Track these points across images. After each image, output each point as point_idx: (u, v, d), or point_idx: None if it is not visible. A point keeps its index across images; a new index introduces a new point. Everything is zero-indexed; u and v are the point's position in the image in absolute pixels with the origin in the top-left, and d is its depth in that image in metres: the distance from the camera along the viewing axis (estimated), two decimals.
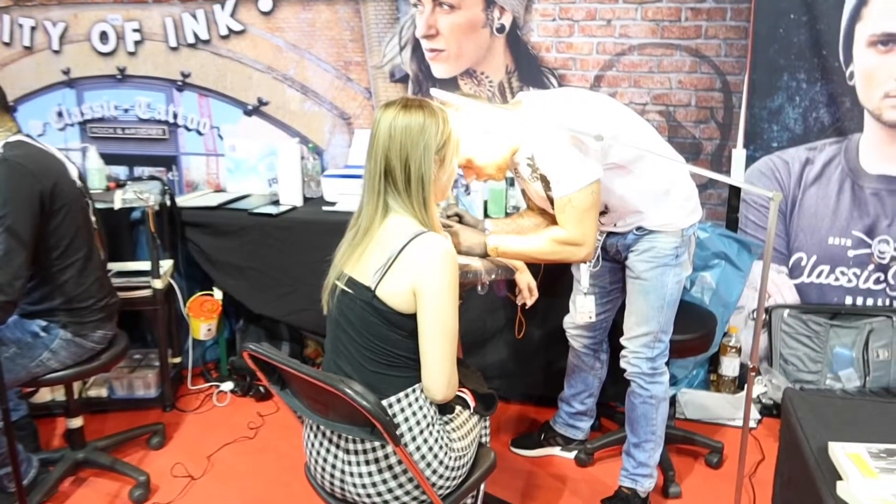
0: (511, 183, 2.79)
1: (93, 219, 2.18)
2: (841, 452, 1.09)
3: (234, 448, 2.55)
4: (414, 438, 1.51)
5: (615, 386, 2.50)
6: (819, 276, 2.82)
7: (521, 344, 2.68)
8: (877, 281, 2.75)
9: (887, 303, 2.76)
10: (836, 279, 2.80)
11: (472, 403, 1.69)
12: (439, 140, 1.53)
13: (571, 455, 2.49)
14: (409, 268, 1.46)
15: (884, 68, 2.57)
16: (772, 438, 2.59)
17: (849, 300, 2.80)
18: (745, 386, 1.87)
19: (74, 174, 2.13)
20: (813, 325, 2.80)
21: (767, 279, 1.80)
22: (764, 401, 2.78)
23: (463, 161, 1.87)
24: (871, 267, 2.75)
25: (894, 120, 2.61)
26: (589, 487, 2.34)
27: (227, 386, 2.93)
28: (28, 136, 2.06)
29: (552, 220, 1.93)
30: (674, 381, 2.86)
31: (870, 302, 2.78)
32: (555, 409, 2.57)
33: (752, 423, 2.68)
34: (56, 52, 3.33)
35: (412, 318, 1.48)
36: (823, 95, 2.67)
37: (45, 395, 2.72)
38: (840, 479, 1.05)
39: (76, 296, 2.07)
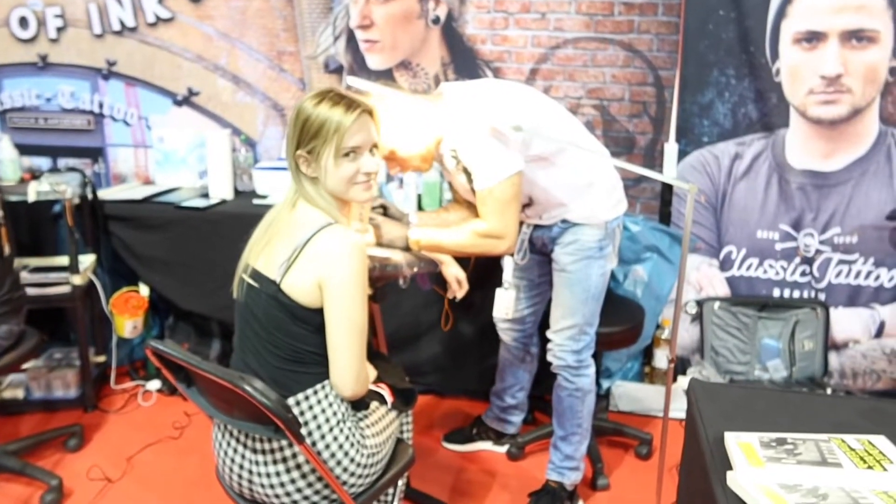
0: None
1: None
2: (733, 442, 1.09)
3: (156, 449, 2.47)
4: (323, 436, 1.48)
5: (549, 378, 2.48)
6: (749, 268, 2.87)
7: (454, 338, 2.67)
8: (802, 273, 2.82)
9: (812, 295, 2.82)
10: (765, 272, 2.85)
11: (389, 399, 1.66)
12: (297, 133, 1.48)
13: (503, 449, 2.49)
14: (314, 260, 1.42)
15: (808, 65, 2.63)
16: None
17: (776, 292, 2.86)
18: (668, 376, 1.90)
19: None
20: (742, 318, 2.85)
21: (685, 269, 1.82)
22: None
23: (386, 152, 1.84)
24: (798, 260, 2.81)
25: (818, 116, 2.67)
26: (518, 481, 2.33)
27: (154, 385, 2.85)
28: None
29: (477, 214, 1.91)
30: (608, 374, 2.89)
31: (796, 294, 2.84)
32: (487, 403, 2.56)
33: (681, 414, 2.71)
34: None
35: (318, 312, 1.45)
36: (751, 91, 2.71)
37: None
38: (731, 468, 1.05)
39: None
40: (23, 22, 3.14)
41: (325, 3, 2.96)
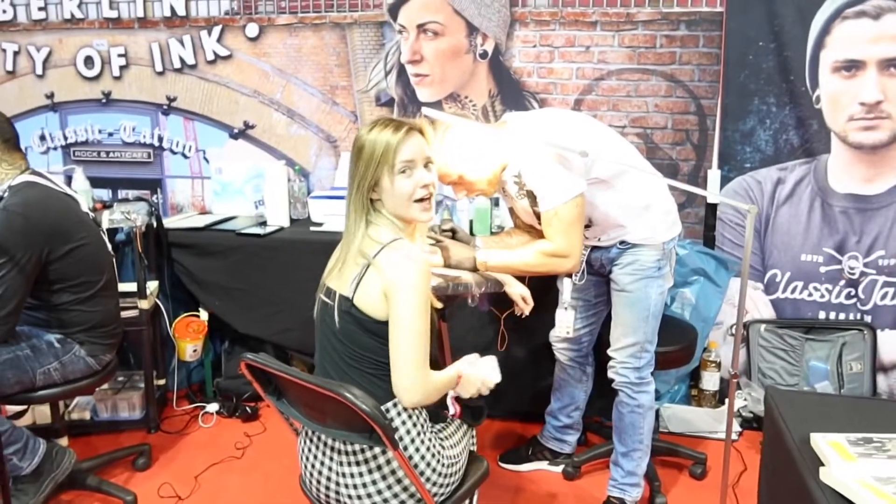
0: (496, 203, 2.86)
1: (109, 246, 2.25)
2: (822, 441, 1.15)
3: (221, 468, 2.55)
4: (406, 448, 1.54)
5: (600, 400, 2.55)
6: (793, 291, 2.92)
7: (507, 360, 2.72)
8: (848, 296, 2.86)
9: (858, 317, 2.87)
10: (810, 294, 2.90)
11: (457, 413, 1.71)
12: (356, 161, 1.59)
13: (559, 469, 2.53)
14: (381, 272, 1.51)
15: (847, 93, 2.72)
16: (753, 450, 2.66)
17: (822, 315, 2.90)
18: (727, 396, 1.95)
19: (85, 206, 2.19)
20: (789, 339, 2.90)
21: (746, 290, 1.89)
22: (744, 414, 2.86)
23: (454, 177, 1.94)
24: (843, 282, 2.86)
25: (859, 141, 2.75)
26: (577, 500, 2.38)
27: (213, 407, 2.93)
28: (37, 172, 2.12)
29: (539, 237, 2.00)
30: (657, 397, 2.91)
31: (842, 316, 2.89)
32: (541, 424, 2.62)
33: (733, 435, 2.74)
34: (40, 76, 3.36)
35: (387, 324, 1.53)
36: (792, 118, 2.80)
37: (26, 419, 2.69)
38: (822, 465, 1.11)
39: (98, 322, 2.17)
40: (88, 61, 3.32)
41: (377, 40, 3.11)
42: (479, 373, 1.71)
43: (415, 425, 1.57)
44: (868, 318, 2.86)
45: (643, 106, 2.95)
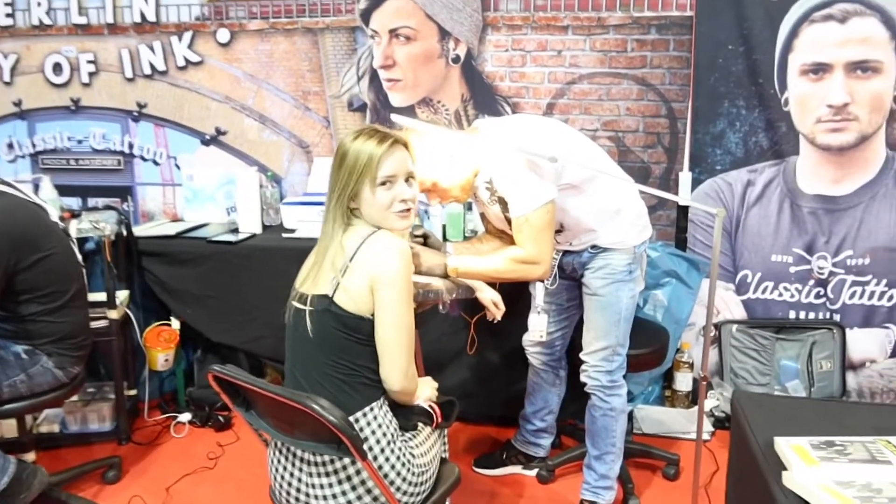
0: (469, 207, 2.85)
1: (79, 256, 2.20)
2: (786, 445, 1.16)
3: (193, 479, 2.51)
4: (375, 458, 1.53)
5: (574, 403, 2.55)
6: (764, 291, 2.95)
7: (480, 364, 2.73)
8: (817, 295, 2.90)
9: (828, 316, 2.90)
10: (780, 294, 2.93)
11: (438, 418, 1.72)
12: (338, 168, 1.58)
13: (533, 473, 2.53)
14: (365, 264, 1.51)
15: (815, 95, 2.75)
16: (725, 450, 2.64)
17: (792, 314, 2.93)
18: (700, 394, 1.96)
19: (55, 216, 2.15)
20: (760, 339, 2.92)
21: (715, 292, 1.90)
22: (716, 414, 2.88)
23: (428, 185, 1.94)
24: (812, 282, 2.89)
25: (826, 143, 2.78)
26: (551, 503, 2.38)
27: (185, 417, 2.89)
28: (3, 181, 2.08)
29: (511, 243, 1.99)
30: (630, 398, 2.91)
31: (812, 315, 2.92)
32: (515, 428, 2.61)
33: (705, 436, 2.76)
34: (7, 83, 3.30)
35: (369, 321, 1.52)
36: (761, 121, 2.83)
37: None
38: (785, 469, 1.12)
39: (66, 333, 2.12)
40: (56, 68, 3.27)
41: (349, 45, 3.09)
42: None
43: (384, 435, 1.56)
44: (837, 318, 2.89)
45: (615, 109, 2.97)
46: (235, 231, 2.96)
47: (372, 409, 1.56)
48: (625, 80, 2.93)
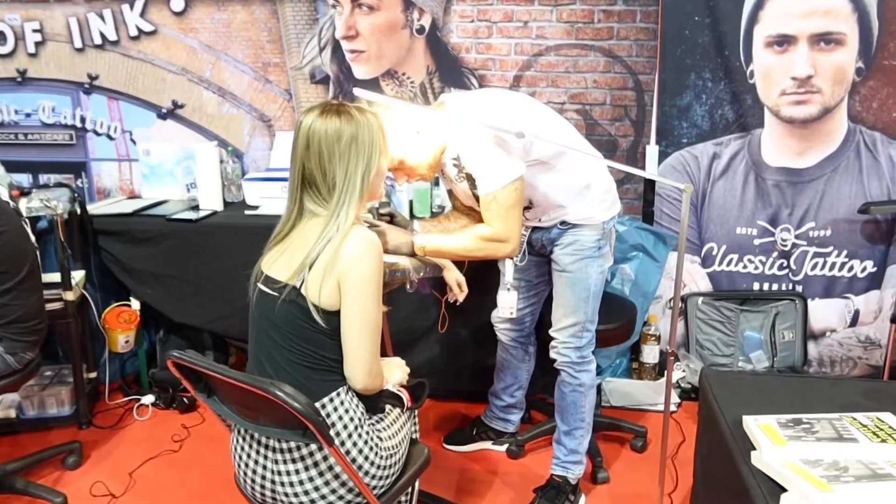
0: (436, 183, 2.81)
1: (31, 236, 2.11)
2: (754, 424, 1.16)
3: (157, 463, 2.46)
4: (343, 443, 1.50)
5: (544, 378, 2.55)
6: (729, 264, 2.98)
7: (450, 341, 2.71)
8: (780, 267, 2.93)
9: (790, 287, 2.94)
10: (745, 266, 2.96)
11: (408, 402, 1.70)
12: (361, 145, 1.51)
13: (503, 448, 2.53)
14: (334, 259, 1.45)
15: (780, 67, 2.75)
16: (691, 421, 2.72)
17: (756, 286, 2.97)
18: (665, 370, 1.97)
19: (4, 194, 2.05)
20: (725, 311, 2.96)
21: (682, 267, 1.90)
22: (683, 385, 2.92)
23: (395, 163, 1.88)
24: (775, 254, 2.93)
25: (791, 115, 2.79)
26: (521, 478, 2.39)
27: (149, 399, 2.82)
28: None
29: (479, 221, 1.96)
30: (599, 371, 2.92)
31: (775, 287, 2.96)
32: (485, 404, 2.61)
33: (672, 407, 2.80)
34: None
35: (335, 314, 1.48)
36: (727, 93, 2.82)
37: None
38: (754, 449, 1.12)
39: (18, 317, 2.03)
40: (0, 37, 3.10)
41: (310, 15, 2.99)
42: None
43: (352, 419, 1.53)
44: (799, 289, 2.94)
45: (582, 82, 2.93)
46: (196, 208, 2.87)
47: (339, 394, 1.52)
48: (592, 51, 2.89)
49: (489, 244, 1.90)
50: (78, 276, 2.68)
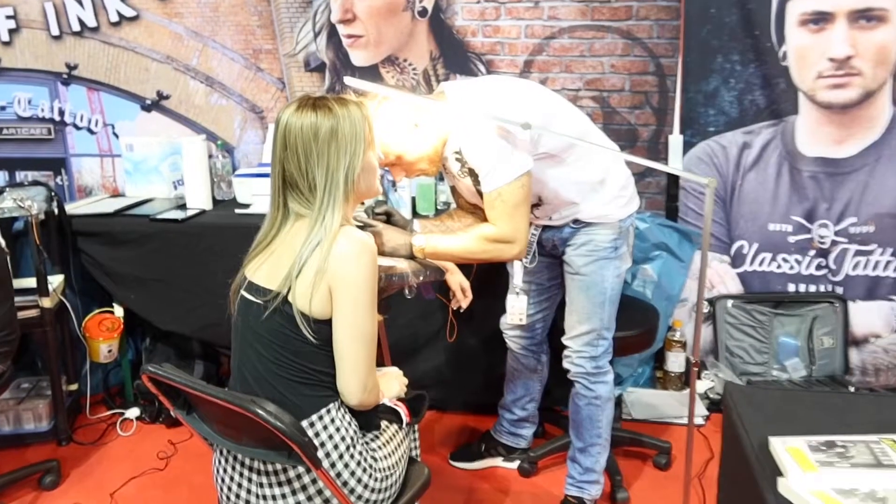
0: (441, 178, 2.78)
1: (2, 241, 2.10)
2: (781, 447, 1.12)
3: (141, 482, 2.45)
4: (333, 464, 1.48)
5: (559, 388, 2.52)
6: (761, 263, 2.92)
7: (456, 349, 2.69)
8: (818, 266, 2.88)
9: (829, 288, 2.89)
10: (779, 266, 2.91)
11: (406, 419, 1.67)
12: (342, 140, 1.48)
13: (514, 465, 2.51)
14: (326, 263, 1.43)
15: (816, 48, 2.69)
16: (720, 435, 2.67)
17: (791, 287, 2.92)
18: (691, 381, 1.93)
19: None
20: (757, 315, 2.91)
21: (706, 267, 1.85)
22: (711, 396, 2.87)
23: (392, 158, 1.86)
24: (812, 252, 2.87)
25: (828, 100, 2.73)
26: (534, 498, 2.36)
27: (133, 413, 2.82)
28: None
29: (485, 220, 1.93)
30: (619, 381, 2.92)
31: (812, 288, 2.90)
32: (494, 417, 2.58)
33: (699, 420, 2.75)
34: None
35: (327, 324, 1.46)
36: (758, 77, 2.77)
37: None
38: (781, 475, 1.08)
39: None
40: None
41: None
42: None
43: (343, 439, 1.50)
44: (839, 290, 2.88)
45: (598, 66, 2.89)
46: (183, 207, 2.87)
47: (329, 411, 1.50)
48: (609, 33, 2.85)
49: (494, 245, 1.86)
50: (56, 281, 2.68)
